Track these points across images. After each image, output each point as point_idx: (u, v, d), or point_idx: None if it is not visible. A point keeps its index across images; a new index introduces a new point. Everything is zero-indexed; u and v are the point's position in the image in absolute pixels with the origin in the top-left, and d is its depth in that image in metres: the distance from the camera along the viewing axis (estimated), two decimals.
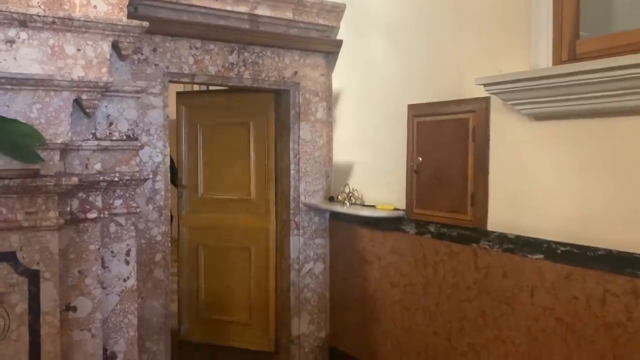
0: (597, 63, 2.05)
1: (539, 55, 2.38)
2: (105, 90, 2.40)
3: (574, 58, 2.28)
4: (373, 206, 3.40)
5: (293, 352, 3.79)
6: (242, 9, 3.37)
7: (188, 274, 4.16)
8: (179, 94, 4.30)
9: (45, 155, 2.17)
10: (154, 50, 3.18)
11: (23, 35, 2.28)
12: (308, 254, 3.80)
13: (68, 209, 2.32)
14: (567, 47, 2.31)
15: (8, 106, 2.19)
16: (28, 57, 2.30)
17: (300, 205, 3.75)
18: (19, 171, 2.04)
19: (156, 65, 3.19)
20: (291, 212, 3.75)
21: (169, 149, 3.26)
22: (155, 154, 3.16)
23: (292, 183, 3.75)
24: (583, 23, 2.35)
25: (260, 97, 3.90)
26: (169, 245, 3.30)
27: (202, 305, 4.15)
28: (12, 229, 2.13)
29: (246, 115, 3.96)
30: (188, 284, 4.15)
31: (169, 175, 3.26)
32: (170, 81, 3.28)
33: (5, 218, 2.11)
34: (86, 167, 2.39)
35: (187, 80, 3.35)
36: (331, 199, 3.77)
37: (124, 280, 2.60)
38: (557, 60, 2.32)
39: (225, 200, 3.95)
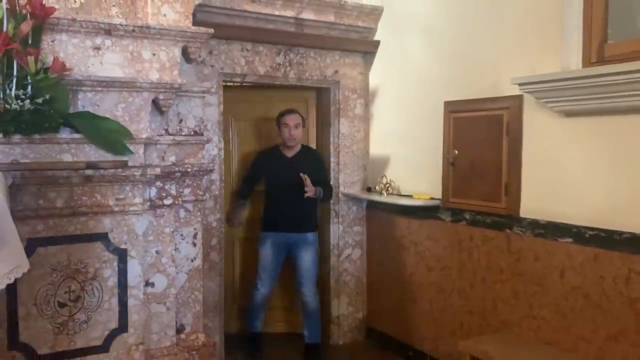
0: (625, 66, 2.28)
1: (570, 57, 2.61)
2: (178, 91, 2.70)
3: (602, 60, 2.51)
4: (410, 196, 3.66)
5: (333, 332, 4.08)
6: (289, 13, 3.64)
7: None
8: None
9: (132, 148, 2.47)
10: (210, 52, 3.47)
11: (107, 42, 2.58)
12: (347, 240, 4.08)
13: (148, 196, 2.62)
14: (596, 50, 2.54)
15: (98, 105, 2.49)
16: (111, 61, 2.60)
17: (340, 195, 4.02)
18: (114, 162, 2.34)
19: (212, 66, 3.48)
20: (331, 201, 4.02)
21: (223, 142, 3.56)
22: (211, 147, 3.46)
23: (332, 174, 4.02)
24: (612, 23, 2.56)
25: (303, 94, 4.16)
26: (223, 230, 3.60)
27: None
28: (105, 213, 2.44)
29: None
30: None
31: (223, 167, 3.56)
32: (224, 81, 3.57)
33: (99, 203, 2.42)
34: (162, 159, 2.70)
35: (238, 80, 3.64)
36: (369, 190, 4.04)
37: (192, 261, 2.91)
38: (587, 62, 2.55)
39: None
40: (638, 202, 2.41)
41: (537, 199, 2.85)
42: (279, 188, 3.73)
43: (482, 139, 3.11)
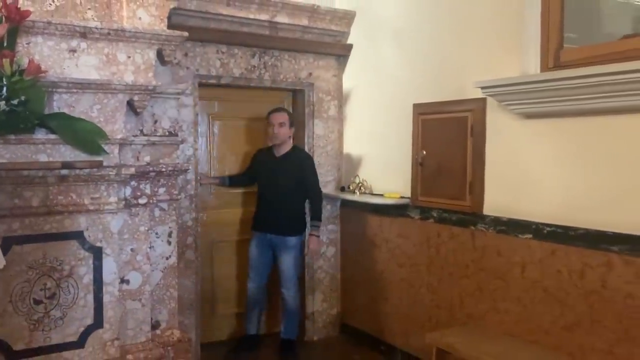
0: (578, 71, 2.42)
1: (529, 62, 2.74)
2: (152, 92, 2.77)
3: (558, 65, 2.65)
4: (381, 195, 3.77)
5: (308, 328, 4.17)
6: (263, 16, 3.73)
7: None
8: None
9: (107, 149, 2.53)
10: (186, 54, 3.54)
11: (83, 45, 2.64)
12: (321, 238, 4.16)
13: (123, 195, 2.68)
14: (553, 56, 2.67)
15: (73, 107, 2.55)
16: (87, 64, 2.66)
17: None
18: (89, 162, 2.40)
19: (187, 68, 3.55)
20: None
21: (198, 143, 3.63)
22: (187, 147, 3.52)
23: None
24: (572, 26, 2.71)
25: (280, 95, 4.19)
26: (199, 230, 3.67)
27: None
28: (80, 212, 2.51)
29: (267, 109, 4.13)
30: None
31: (198, 167, 3.62)
32: (199, 83, 3.63)
33: (75, 202, 2.48)
34: (137, 159, 2.76)
35: (214, 81, 3.70)
36: (342, 189, 4.14)
37: (167, 259, 2.98)
38: (545, 67, 2.69)
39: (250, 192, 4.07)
40: (591, 199, 2.55)
41: (499, 197, 2.98)
42: (265, 187, 3.75)
43: (448, 140, 3.23)
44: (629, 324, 2.40)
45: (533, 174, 2.80)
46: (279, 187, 3.68)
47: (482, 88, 2.82)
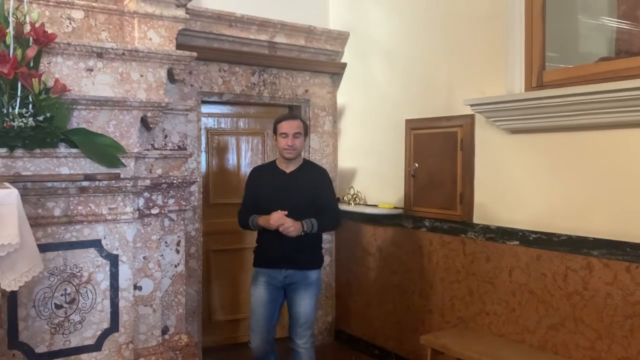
0: (558, 91, 2.67)
1: (514, 81, 2.98)
2: (165, 109, 2.94)
3: (541, 85, 2.89)
4: (375, 205, 3.97)
5: None
6: (263, 37, 3.94)
7: None
8: None
9: (124, 162, 2.68)
10: (190, 72, 3.72)
11: (99, 64, 2.81)
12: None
13: (137, 205, 2.84)
14: (536, 76, 2.92)
15: (91, 122, 2.71)
16: (103, 82, 2.83)
17: None
18: (108, 175, 2.56)
19: (192, 85, 3.73)
20: None
21: (201, 156, 3.80)
22: (190, 161, 3.68)
23: None
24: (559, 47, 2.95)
25: (278, 110, 4.36)
26: (202, 239, 3.82)
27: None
28: (98, 221, 2.65)
29: (262, 124, 4.33)
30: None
31: (201, 179, 3.78)
32: (202, 99, 3.81)
33: (93, 212, 2.63)
34: (150, 172, 2.92)
35: (216, 98, 3.89)
36: (338, 200, 4.32)
37: (175, 266, 3.13)
38: (528, 86, 2.93)
39: None
40: (571, 208, 2.78)
41: (487, 207, 3.20)
42: (275, 210, 2.89)
43: (439, 153, 3.45)
44: (609, 322, 2.62)
45: (518, 184, 3.03)
46: (295, 209, 2.89)
47: (472, 105, 3.05)
